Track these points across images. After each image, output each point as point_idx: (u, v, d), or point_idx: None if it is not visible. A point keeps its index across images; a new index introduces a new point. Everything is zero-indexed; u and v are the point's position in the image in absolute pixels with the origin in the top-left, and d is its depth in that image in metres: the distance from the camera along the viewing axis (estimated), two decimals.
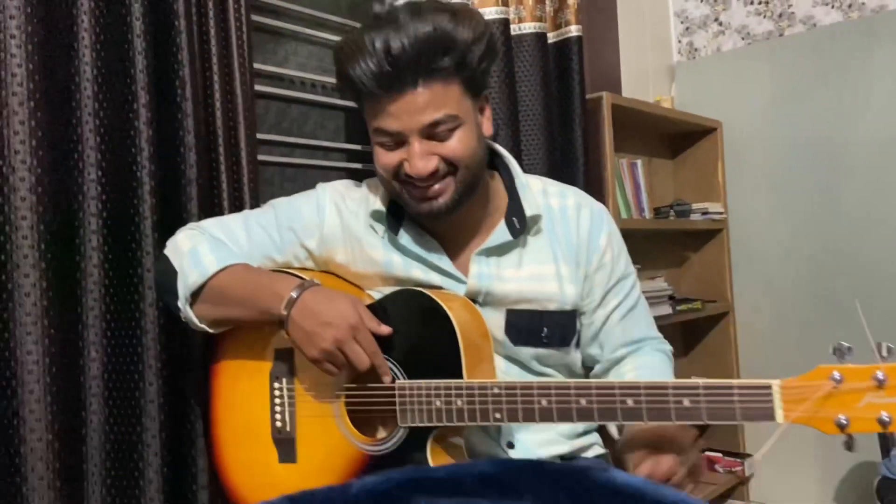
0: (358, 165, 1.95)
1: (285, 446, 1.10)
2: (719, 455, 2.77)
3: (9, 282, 1.12)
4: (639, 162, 2.59)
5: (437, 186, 1.04)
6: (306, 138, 1.82)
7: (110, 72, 1.25)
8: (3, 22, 1.12)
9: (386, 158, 1.05)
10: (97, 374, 1.25)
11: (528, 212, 1.11)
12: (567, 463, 1.11)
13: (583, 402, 0.90)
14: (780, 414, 0.79)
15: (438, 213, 1.06)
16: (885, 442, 1.98)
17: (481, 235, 1.13)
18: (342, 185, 1.20)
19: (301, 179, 1.84)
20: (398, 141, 1.03)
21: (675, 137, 2.88)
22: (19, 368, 1.12)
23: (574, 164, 2.16)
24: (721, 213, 2.76)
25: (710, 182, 2.81)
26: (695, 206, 2.69)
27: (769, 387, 0.80)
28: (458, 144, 1.03)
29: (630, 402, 0.87)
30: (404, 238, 1.12)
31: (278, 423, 1.11)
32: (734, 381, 0.82)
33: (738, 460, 2.73)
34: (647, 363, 1.15)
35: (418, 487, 0.80)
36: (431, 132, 1.02)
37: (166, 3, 1.30)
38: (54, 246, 1.16)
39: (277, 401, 1.11)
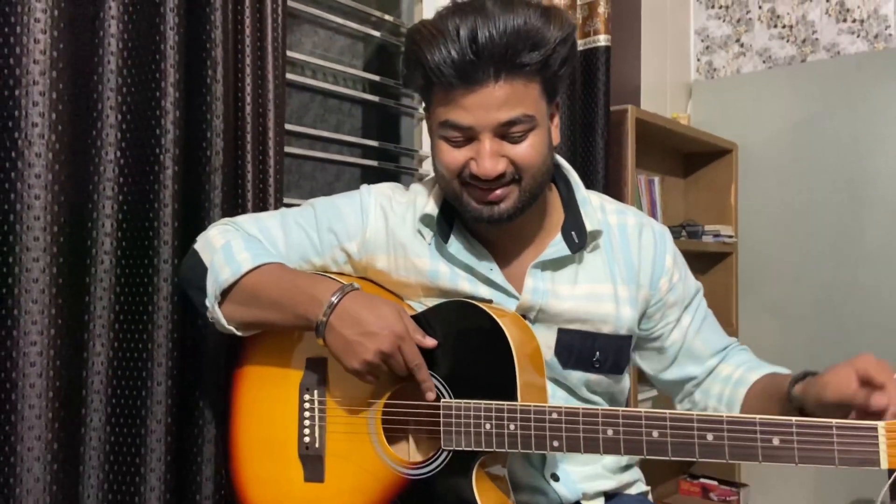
0: (374, 163, 1.88)
1: (312, 464, 1.01)
2: (714, 483, 2.72)
3: (16, 264, 1.02)
4: (656, 179, 2.54)
5: (499, 191, 0.96)
6: (323, 132, 1.75)
7: (137, 47, 1.17)
8: None
9: (451, 155, 0.97)
10: (101, 369, 1.16)
11: (589, 227, 1.04)
12: None
13: (655, 434, 0.83)
14: (884, 459, 0.73)
15: (499, 219, 0.98)
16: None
17: (536, 248, 1.06)
18: (389, 188, 1.12)
19: (318, 174, 1.76)
20: (468, 137, 0.95)
21: (690, 156, 2.83)
22: (21, 360, 1.03)
23: (594, 177, 2.11)
24: (732, 237, 2.72)
25: (722, 204, 2.77)
26: (706, 227, 2.64)
27: (874, 428, 0.74)
28: (529, 149, 0.95)
29: (710, 437, 0.80)
30: (454, 246, 1.04)
31: (306, 439, 1.02)
32: (832, 421, 0.75)
33: (734, 489, 2.68)
34: (744, 359, 1.11)
35: None
36: (505, 132, 0.94)
37: None
38: (66, 229, 1.07)
39: (307, 414, 1.03)
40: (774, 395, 0.97)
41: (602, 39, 2.11)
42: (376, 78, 1.87)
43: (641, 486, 1.12)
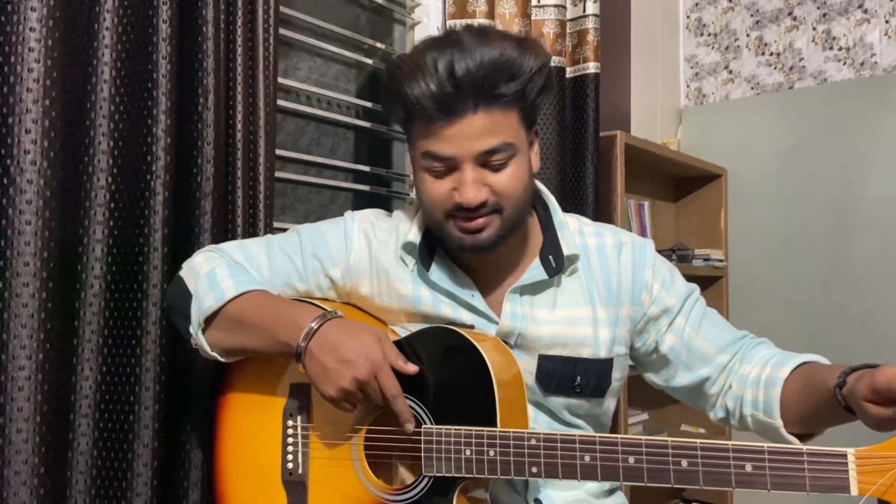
0: (366, 187, 1.90)
1: (296, 490, 1.02)
2: None
3: (6, 289, 1.04)
4: (646, 203, 2.56)
5: (481, 220, 0.98)
6: (317, 157, 1.77)
7: (130, 74, 1.19)
8: (24, 13, 1.05)
9: (434, 187, 0.99)
10: (89, 393, 1.16)
11: (566, 251, 1.06)
12: None
13: (631, 460, 0.84)
14: (854, 486, 0.74)
15: (482, 248, 1.00)
16: None
17: (515, 273, 1.08)
18: (372, 214, 1.13)
19: (312, 196, 1.78)
20: (450, 167, 0.98)
21: (680, 181, 2.86)
22: (10, 384, 1.04)
23: (584, 202, 2.13)
24: (722, 261, 2.74)
25: (712, 228, 2.79)
26: (696, 251, 2.66)
27: (844, 455, 0.75)
28: (510, 178, 0.98)
29: (685, 463, 0.81)
30: (435, 273, 1.05)
31: (290, 465, 1.03)
32: (803, 447, 0.77)
33: None
34: (767, 355, 1.05)
35: None
36: (486, 160, 0.97)
37: (195, 8, 1.24)
38: (56, 254, 1.08)
39: (290, 440, 1.04)
40: (819, 398, 0.92)
41: (591, 66, 2.14)
42: (368, 104, 1.90)
43: None
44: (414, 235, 1.06)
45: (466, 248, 1.01)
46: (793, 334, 2.59)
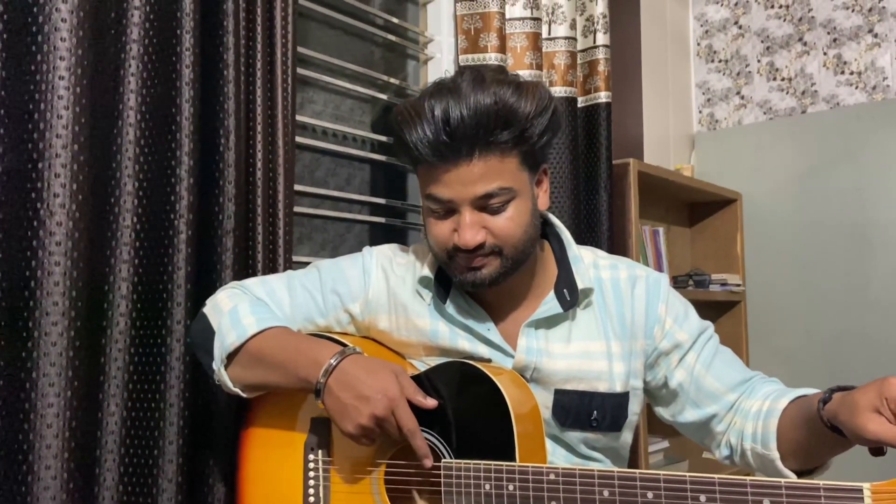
0: (381, 219, 1.93)
1: None
2: None
3: (35, 329, 1.07)
4: (661, 230, 2.57)
5: (480, 259, 1.01)
6: (330, 189, 1.80)
7: (155, 118, 1.23)
8: (53, 62, 1.09)
9: (437, 228, 1.02)
10: (115, 429, 1.19)
11: (580, 284, 1.07)
12: None
13: (649, 495, 0.85)
14: None
15: (481, 284, 1.02)
16: None
17: (530, 307, 1.09)
18: (390, 250, 1.16)
19: (328, 226, 1.82)
20: (449, 209, 1.00)
21: (695, 206, 2.87)
22: (39, 422, 1.06)
23: (598, 230, 2.14)
24: (739, 286, 2.73)
25: (728, 253, 2.79)
26: (713, 276, 2.66)
27: (860, 490, 0.75)
28: (508, 221, 1.00)
29: (703, 498, 0.82)
30: (451, 307, 1.07)
31: (311, 499, 1.04)
32: (820, 482, 0.77)
33: None
34: (770, 390, 1.05)
35: None
36: (483, 204, 0.99)
37: (216, 52, 1.29)
38: (84, 293, 1.11)
39: (312, 473, 1.05)
40: (808, 423, 0.92)
41: (603, 96, 2.17)
42: (383, 138, 1.93)
43: None
44: (429, 270, 1.09)
45: (468, 285, 1.04)
46: (811, 358, 2.58)
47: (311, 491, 1.05)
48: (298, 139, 1.61)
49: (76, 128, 1.10)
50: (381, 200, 1.93)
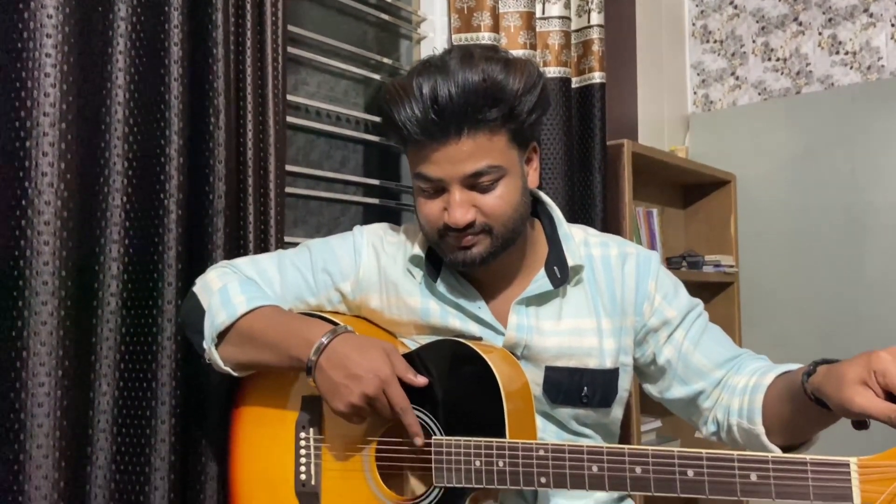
0: (375, 201, 1.92)
1: (309, 501, 1.04)
2: None
3: (25, 308, 1.07)
4: (654, 211, 2.57)
5: (469, 238, 1.00)
6: (325, 171, 1.80)
7: (143, 97, 1.22)
8: (40, 40, 1.08)
9: (427, 207, 1.02)
10: (106, 408, 1.19)
11: (571, 262, 1.08)
12: None
13: (638, 470, 0.85)
14: (857, 495, 0.75)
15: (471, 263, 1.02)
16: None
17: (521, 284, 1.09)
18: (381, 229, 1.16)
19: (324, 209, 1.81)
20: (439, 188, 1.00)
21: (689, 188, 2.87)
22: (30, 401, 1.06)
23: (592, 211, 2.14)
24: (732, 267, 2.74)
25: (721, 235, 2.79)
26: (707, 258, 2.67)
27: (846, 465, 0.76)
28: (498, 199, 0.99)
29: (691, 472, 0.83)
30: (442, 285, 1.07)
31: (302, 476, 1.05)
32: (807, 457, 0.78)
33: None
34: (758, 366, 1.04)
35: None
36: (473, 182, 0.99)
37: (205, 30, 1.27)
38: (74, 273, 1.11)
39: (303, 452, 1.06)
40: (792, 397, 0.92)
41: (597, 76, 2.16)
42: (377, 118, 1.92)
43: None
44: (420, 249, 1.09)
45: (458, 264, 1.04)
46: (804, 339, 2.59)
47: (303, 469, 1.05)
48: (291, 119, 1.60)
49: (63, 106, 1.09)
50: (375, 182, 1.93)
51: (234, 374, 1.07)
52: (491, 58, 0.97)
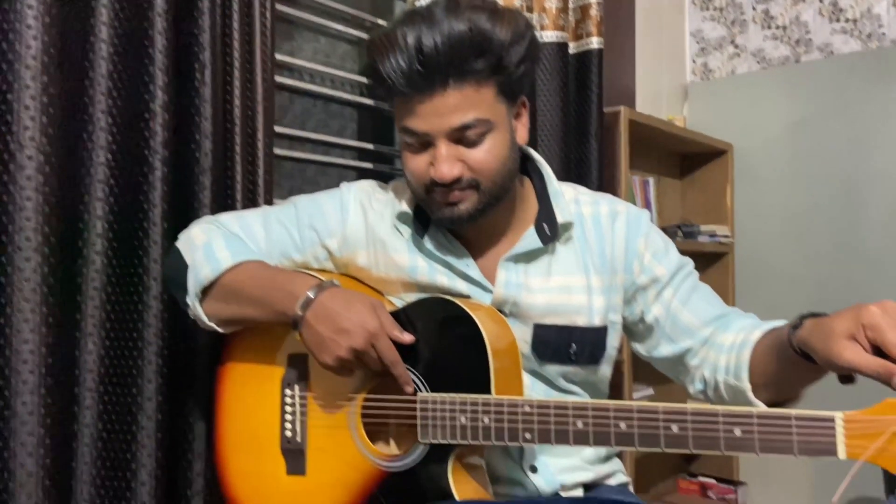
0: (369, 165, 1.90)
1: (294, 457, 1.04)
2: (712, 482, 2.73)
3: (9, 264, 1.05)
4: (651, 180, 2.56)
5: (457, 193, 0.99)
6: (321, 134, 1.77)
7: (127, 50, 1.20)
8: None
9: (413, 162, 1.00)
10: (93, 367, 1.18)
11: (560, 219, 1.06)
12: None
13: (622, 426, 0.85)
14: (841, 449, 0.74)
15: (459, 220, 1.01)
16: (890, 480, 1.94)
17: (509, 241, 1.08)
18: (368, 185, 1.14)
19: (319, 178, 1.79)
20: (425, 143, 0.98)
21: (686, 157, 2.85)
22: (14, 357, 1.06)
23: (588, 178, 2.12)
24: (728, 237, 2.73)
25: (718, 204, 2.78)
26: (702, 227, 2.65)
27: (831, 419, 0.75)
28: (485, 153, 0.97)
29: (675, 428, 0.82)
30: (430, 242, 1.06)
31: (288, 433, 1.05)
32: (791, 411, 0.77)
33: (732, 487, 2.69)
34: (745, 324, 1.03)
35: None
36: (460, 136, 0.97)
37: None
38: (58, 229, 1.10)
39: (288, 409, 1.05)
40: (779, 352, 0.92)
41: (595, 42, 2.13)
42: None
43: (622, 478, 1.14)
44: (408, 206, 1.07)
45: (445, 222, 1.02)
46: (800, 310, 2.58)
47: (289, 425, 1.05)
48: (282, 79, 1.58)
49: (45, 58, 1.07)
50: (370, 146, 1.90)
51: (220, 330, 1.06)
52: (478, 7, 0.94)
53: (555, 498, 1.04)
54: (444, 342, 0.97)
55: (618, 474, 1.13)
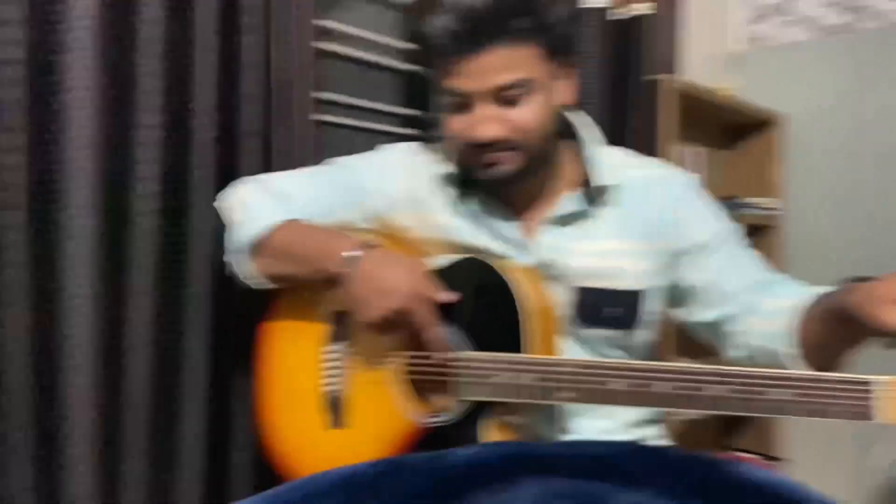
0: (414, 132, 1.89)
1: (336, 412, 1.06)
2: (752, 457, 2.71)
3: (68, 220, 1.08)
4: (699, 151, 2.51)
5: (497, 155, 0.99)
6: (371, 102, 1.76)
7: (176, 15, 1.21)
8: None
9: (455, 122, 1.01)
10: (139, 326, 1.21)
11: (604, 182, 1.06)
12: (691, 454, 1.02)
13: (663, 386, 0.85)
14: (877, 413, 0.74)
15: (501, 181, 1.02)
16: None
17: (551, 204, 1.08)
18: (409, 147, 1.15)
19: (362, 145, 1.79)
20: (465, 103, 0.99)
21: (733, 128, 2.78)
22: (66, 316, 1.09)
23: (629, 148, 2.09)
24: (774, 209, 2.67)
25: (767, 177, 2.71)
26: (750, 200, 2.60)
27: (868, 382, 0.74)
28: (526, 113, 0.98)
29: (715, 389, 0.82)
30: (471, 203, 1.07)
31: (330, 388, 1.07)
32: (830, 375, 0.77)
33: (772, 464, 2.66)
34: (794, 290, 1.02)
35: (525, 464, 0.74)
36: (500, 96, 0.97)
37: None
38: (109, 188, 1.13)
39: (330, 364, 1.07)
40: (823, 315, 0.91)
41: (642, 7, 2.09)
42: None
43: (664, 443, 1.14)
44: (448, 168, 1.08)
45: (487, 181, 1.03)
46: None
47: (331, 381, 1.07)
48: (321, 45, 1.58)
49: (98, 21, 1.09)
50: (417, 112, 1.89)
51: (267, 285, 1.08)
52: None
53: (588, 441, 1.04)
54: (481, 303, 0.99)
55: (660, 440, 1.13)
